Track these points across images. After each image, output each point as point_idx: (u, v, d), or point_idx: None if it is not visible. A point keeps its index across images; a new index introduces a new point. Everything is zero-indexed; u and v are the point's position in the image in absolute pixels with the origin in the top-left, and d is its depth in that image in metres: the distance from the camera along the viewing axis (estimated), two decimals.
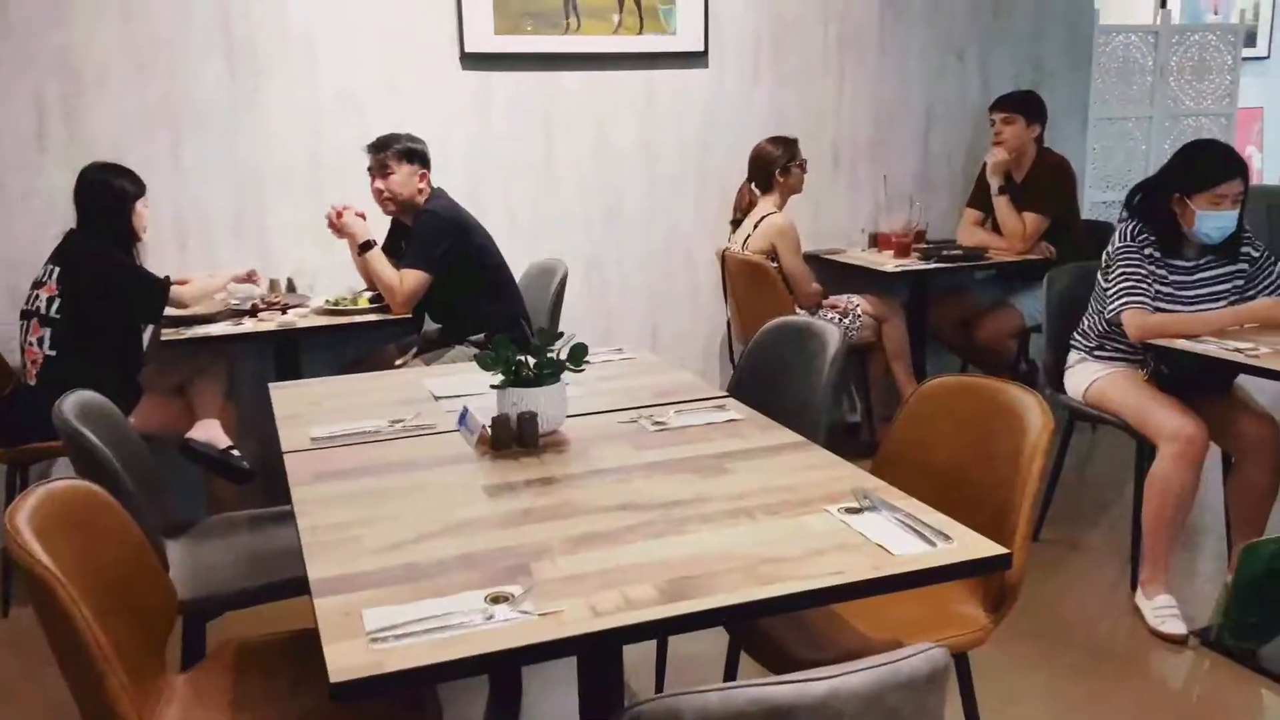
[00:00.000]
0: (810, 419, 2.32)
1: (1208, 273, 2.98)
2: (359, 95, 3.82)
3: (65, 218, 3.28)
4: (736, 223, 4.21)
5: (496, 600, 1.36)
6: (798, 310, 3.96)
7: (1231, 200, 2.88)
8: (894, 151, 4.61)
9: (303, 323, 3.42)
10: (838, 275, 4.31)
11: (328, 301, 3.56)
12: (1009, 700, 2.54)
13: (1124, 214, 3.08)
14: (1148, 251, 2.96)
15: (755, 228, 4.04)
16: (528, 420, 1.99)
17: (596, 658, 1.54)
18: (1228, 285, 2.99)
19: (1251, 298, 2.97)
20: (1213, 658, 2.73)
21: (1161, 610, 2.86)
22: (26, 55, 3.47)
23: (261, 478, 3.41)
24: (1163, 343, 2.84)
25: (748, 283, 4.07)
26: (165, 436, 3.26)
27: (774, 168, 4.07)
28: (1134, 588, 3.01)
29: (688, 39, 4.19)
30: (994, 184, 4.28)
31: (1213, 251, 2.98)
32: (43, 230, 3.42)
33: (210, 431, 3.34)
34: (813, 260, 4.28)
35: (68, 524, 1.57)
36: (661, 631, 1.38)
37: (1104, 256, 3.07)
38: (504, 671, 2.44)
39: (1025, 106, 4.26)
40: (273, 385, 2.57)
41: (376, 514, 1.70)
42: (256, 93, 3.72)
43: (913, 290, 4.38)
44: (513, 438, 1.99)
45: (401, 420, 2.19)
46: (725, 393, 2.42)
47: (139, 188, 3.27)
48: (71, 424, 2.01)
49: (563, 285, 3.73)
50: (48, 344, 3.16)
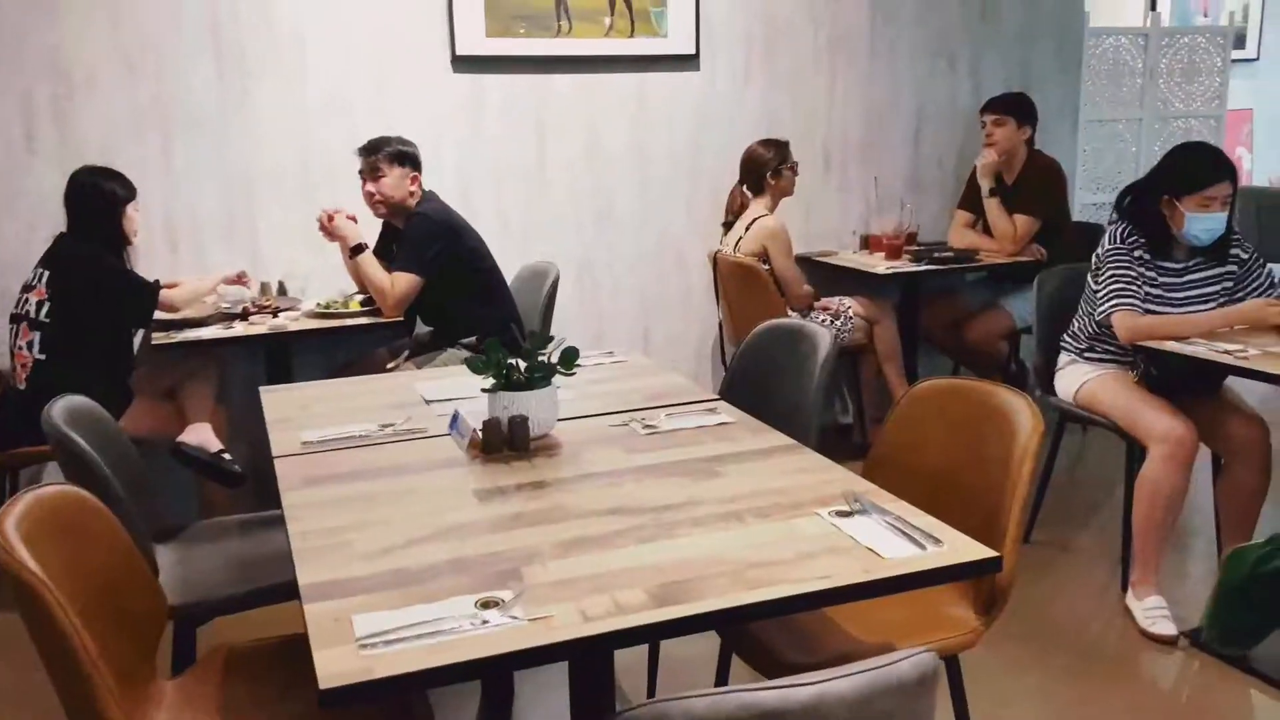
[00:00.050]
0: (801, 421, 2.32)
1: (1197, 275, 3.00)
2: (350, 98, 3.82)
3: (55, 221, 3.28)
4: (728, 225, 4.22)
5: (487, 605, 1.36)
6: (789, 312, 3.97)
7: (1220, 202, 2.89)
8: (885, 154, 4.62)
9: (294, 326, 3.42)
10: (829, 277, 4.32)
11: (319, 305, 3.56)
12: (1000, 703, 2.54)
13: (1114, 216, 3.09)
14: (1137, 254, 2.97)
15: (747, 230, 4.05)
16: (519, 424, 1.99)
17: (587, 662, 1.54)
18: (1217, 287, 3.00)
19: (1240, 299, 2.98)
20: (1203, 658, 2.74)
21: (1152, 611, 2.87)
22: (16, 57, 3.46)
23: (253, 481, 3.40)
24: (1152, 344, 2.85)
25: (739, 285, 4.07)
26: (156, 440, 3.25)
27: (765, 170, 4.08)
28: (1125, 589, 3.02)
29: (679, 41, 4.19)
30: (985, 186, 4.28)
31: (1202, 253, 2.99)
32: (32, 233, 3.42)
33: (201, 435, 3.33)
34: (804, 262, 4.29)
35: (56, 530, 1.56)
36: (652, 636, 1.39)
37: (1094, 258, 3.08)
38: (496, 676, 2.44)
39: (1016, 108, 4.27)
40: (263, 389, 2.57)
41: (367, 519, 1.70)
42: (247, 95, 3.71)
43: (904, 292, 4.39)
44: (504, 441, 1.99)
45: (392, 424, 2.19)
46: (716, 396, 2.43)
47: (129, 191, 3.27)
48: (60, 429, 2.00)
49: (554, 288, 3.73)
50: (37, 348, 3.15)
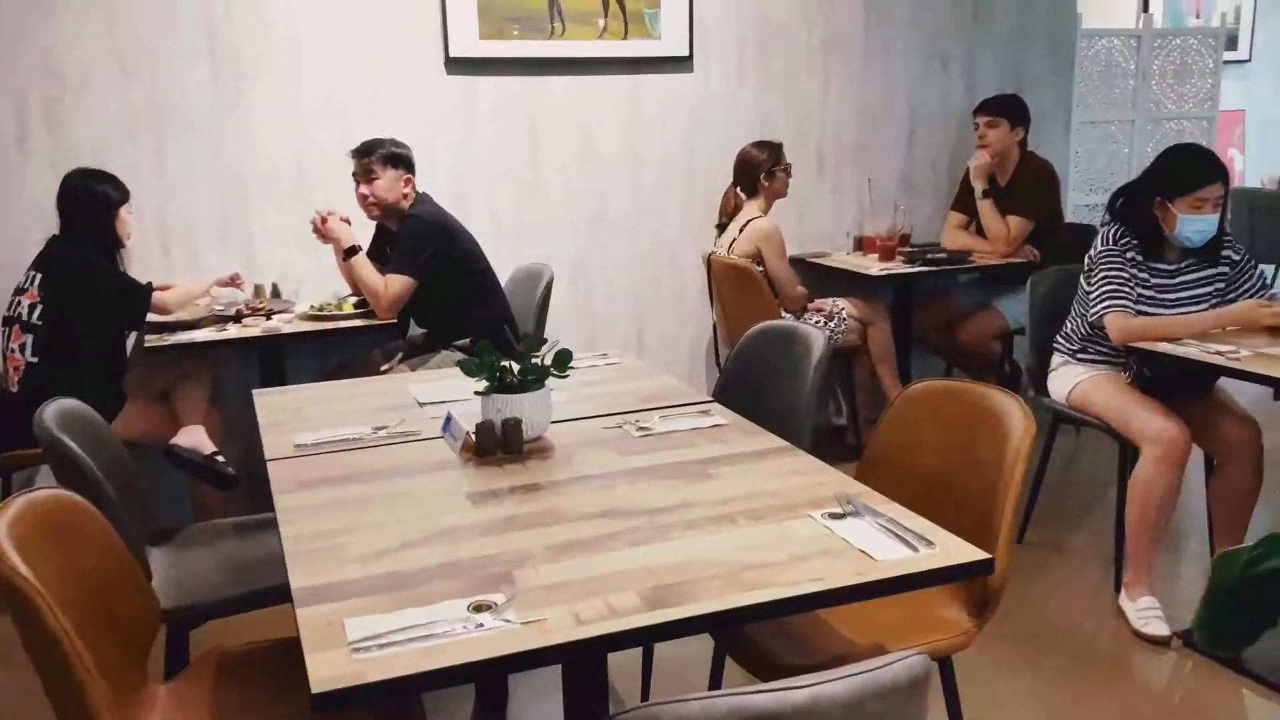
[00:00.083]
0: (795, 423, 2.33)
1: (1189, 276, 3.01)
2: (343, 100, 3.81)
3: (48, 223, 3.27)
4: (722, 227, 4.22)
5: (479, 609, 1.36)
6: (783, 314, 3.97)
7: (1212, 204, 2.90)
8: (878, 155, 4.62)
9: (287, 328, 3.41)
10: (823, 279, 4.32)
11: (312, 307, 3.55)
12: (993, 704, 2.55)
13: (1106, 218, 3.10)
14: (1130, 255, 2.98)
15: (741, 232, 4.05)
16: (512, 426, 1.99)
17: (580, 665, 1.54)
18: (1209, 288, 3.01)
19: (1232, 301, 2.99)
20: (1196, 659, 2.74)
21: (1145, 612, 2.88)
22: (8, 58, 3.45)
23: (247, 483, 3.40)
24: (1145, 346, 2.86)
25: (733, 286, 4.07)
26: (149, 443, 3.25)
27: (759, 172, 4.08)
28: (1118, 590, 3.03)
29: (672, 43, 4.19)
30: (978, 187, 4.29)
31: (1194, 255, 3.00)
32: (25, 235, 3.41)
33: (195, 437, 3.33)
34: (798, 264, 4.29)
35: (48, 534, 1.56)
36: (644, 639, 1.38)
37: (1086, 260, 3.09)
38: (490, 679, 2.43)
39: (1009, 110, 4.28)
40: (256, 392, 2.57)
41: (360, 522, 1.70)
42: (241, 97, 3.71)
43: (897, 293, 4.40)
44: (497, 444, 1.99)
45: (385, 427, 2.19)
46: (710, 397, 2.43)
47: (122, 194, 3.26)
48: (52, 432, 2.00)
49: (548, 290, 3.73)
50: (30, 350, 3.14)
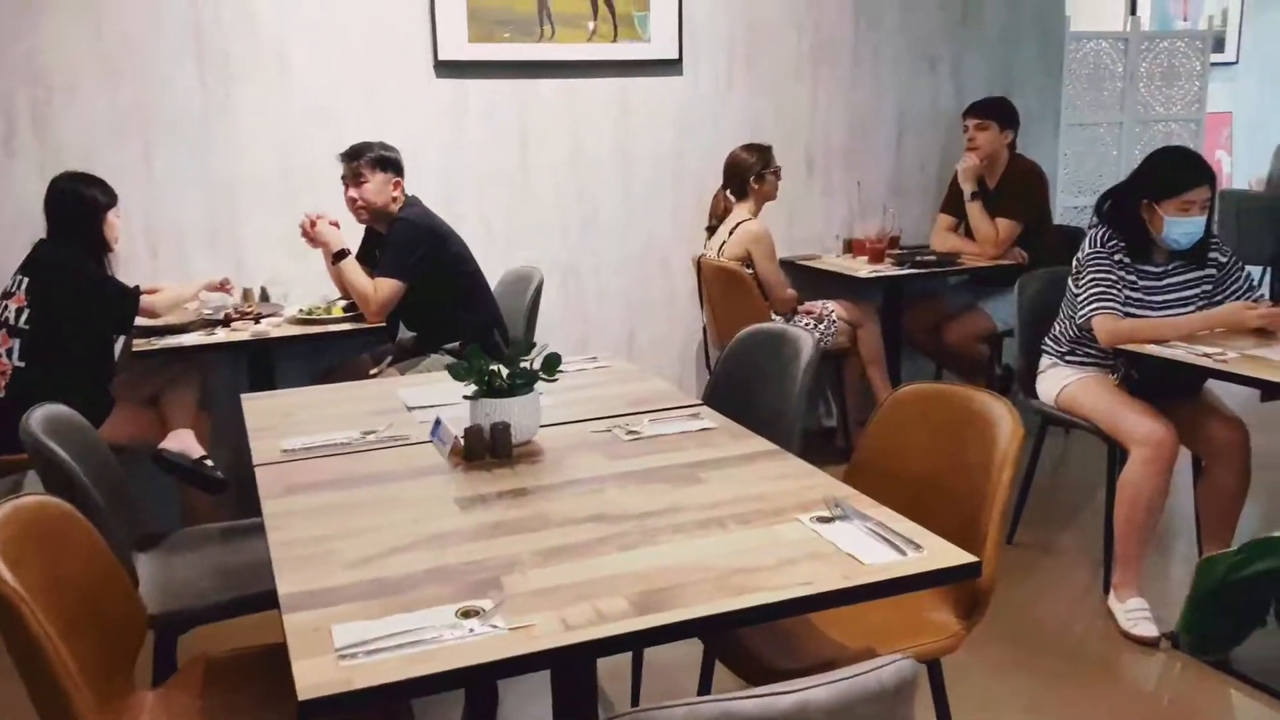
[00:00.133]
0: (784, 426, 2.33)
1: (1176, 278, 3.02)
2: (332, 103, 3.80)
3: (35, 226, 3.25)
4: (712, 229, 4.22)
5: (467, 615, 1.36)
6: (773, 316, 3.98)
7: (1199, 206, 2.91)
8: (868, 158, 4.63)
9: (276, 332, 3.40)
10: (813, 281, 4.32)
11: (301, 311, 3.54)
12: (983, 705, 2.55)
13: (1094, 220, 3.11)
14: (1117, 257, 2.99)
15: (730, 234, 4.05)
16: (501, 431, 1.99)
17: (568, 671, 1.54)
18: (1196, 290, 3.02)
19: (1219, 302, 3.01)
20: (1185, 660, 2.75)
21: (1134, 613, 2.88)
22: None
23: (235, 488, 3.38)
24: (1133, 348, 2.87)
25: (723, 289, 4.07)
26: (138, 447, 3.24)
27: (748, 175, 4.08)
28: (1106, 591, 3.04)
29: (662, 46, 4.19)
30: (967, 190, 4.30)
31: (1181, 257, 3.01)
32: (12, 239, 3.39)
33: (184, 442, 3.31)
34: (788, 266, 4.30)
35: (34, 541, 1.55)
36: (633, 645, 1.39)
37: (1074, 262, 3.10)
38: (479, 684, 2.43)
39: (998, 112, 4.29)
40: (245, 396, 2.56)
41: (347, 528, 1.69)
42: (229, 100, 3.69)
43: (887, 295, 4.40)
44: (486, 449, 1.99)
45: (374, 431, 2.19)
46: (700, 400, 2.43)
47: (110, 198, 3.25)
48: (38, 438, 1.99)
49: (538, 293, 3.73)
50: (17, 355, 3.13)
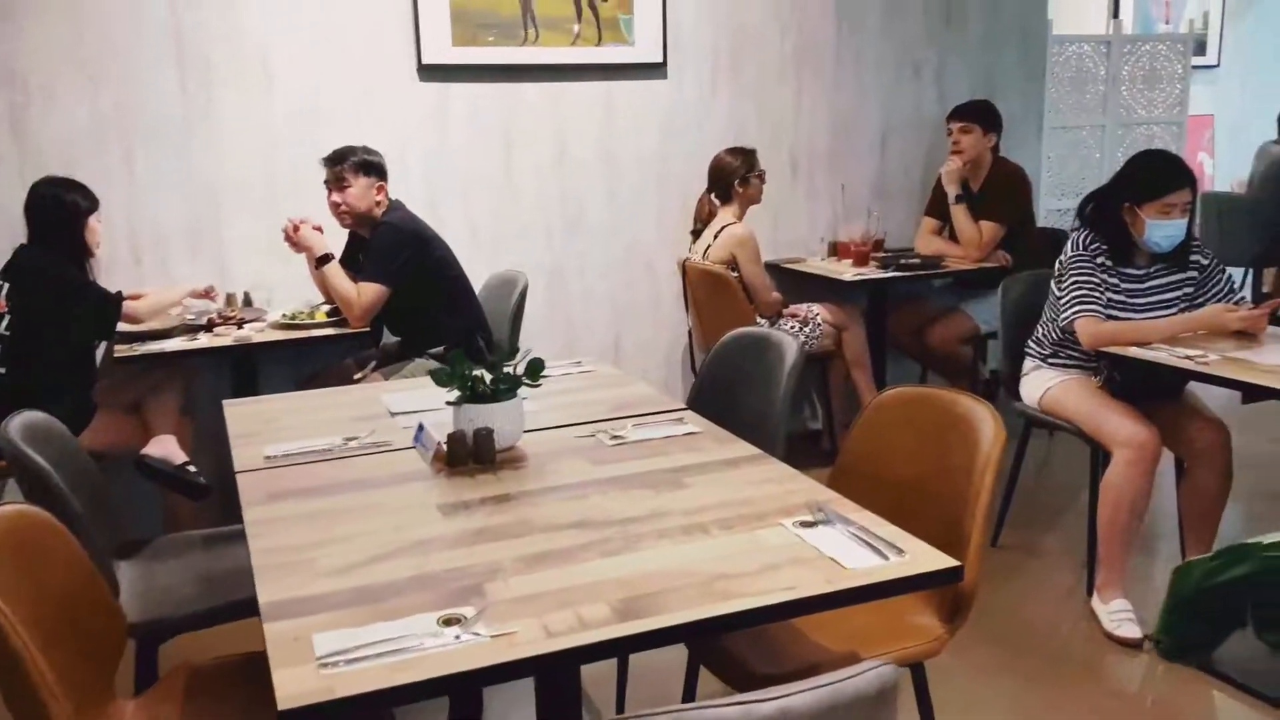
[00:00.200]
0: (769, 429, 2.33)
1: (1158, 281, 3.03)
2: (315, 107, 3.79)
3: (15, 232, 3.23)
4: (697, 233, 4.22)
5: (449, 622, 1.35)
6: (758, 319, 3.98)
7: (1180, 209, 2.93)
8: (851, 161, 4.64)
9: (259, 337, 3.39)
10: (797, 284, 4.33)
11: (285, 315, 3.53)
12: (966, 707, 2.56)
13: (1076, 223, 3.13)
14: (1099, 260, 3.01)
15: (715, 238, 4.05)
16: (484, 436, 1.98)
17: (552, 677, 1.54)
18: (1178, 293, 3.04)
19: (1201, 305, 3.02)
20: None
21: (1117, 614, 2.90)
22: None
23: (218, 493, 3.37)
24: (1115, 350, 2.89)
25: (708, 292, 4.08)
26: (120, 453, 3.22)
27: (733, 178, 4.09)
28: (1090, 592, 3.05)
29: (646, 50, 4.19)
30: (951, 193, 4.31)
31: (1163, 260, 3.03)
32: None
33: (166, 447, 3.29)
34: (773, 269, 4.30)
35: (11, 550, 1.54)
36: (615, 651, 1.38)
37: (1057, 265, 3.11)
38: (462, 691, 2.42)
39: (982, 116, 4.31)
40: (227, 403, 2.54)
41: (329, 535, 1.68)
42: (211, 104, 3.68)
43: (872, 298, 4.41)
44: (469, 454, 1.98)
45: (356, 438, 2.17)
46: (684, 404, 2.43)
47: (91, 202, 3.23)
48: (16, 445, 1.97)
49: (523, 297, 3.72)
50: None
